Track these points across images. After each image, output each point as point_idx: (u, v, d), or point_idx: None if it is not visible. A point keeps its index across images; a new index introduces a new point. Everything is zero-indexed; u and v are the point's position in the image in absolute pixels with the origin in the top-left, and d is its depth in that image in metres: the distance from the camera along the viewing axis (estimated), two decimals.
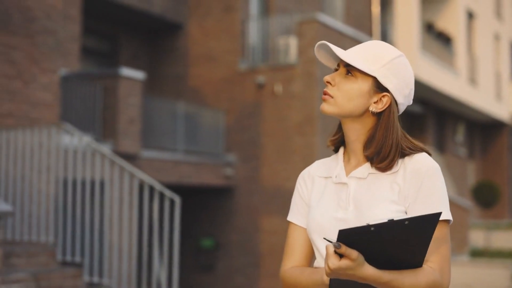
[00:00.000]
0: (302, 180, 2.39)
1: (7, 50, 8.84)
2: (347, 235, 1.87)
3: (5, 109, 8.78)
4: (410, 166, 2.18)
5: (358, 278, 1.95)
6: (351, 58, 2.15)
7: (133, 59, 16.40)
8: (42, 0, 9.24)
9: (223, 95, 15.69)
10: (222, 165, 15.15)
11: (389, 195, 2.17)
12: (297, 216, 2.34)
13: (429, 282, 2.03)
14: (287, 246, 2.37)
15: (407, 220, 1.86)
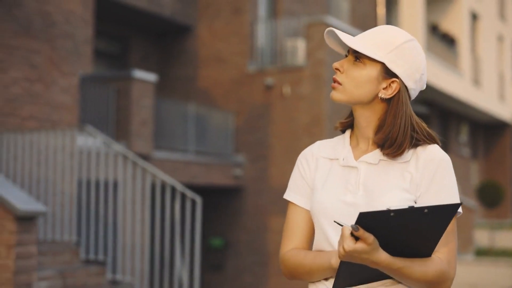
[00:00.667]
0: (305, 159, 2.32)
1: (28, 54, 9.08)
2: (366, 218, 1.85)
3: (27, 112, 9.02)
4: (423, 156, 2.16)
5: (371, 262, 1.93)
6: (358, 45, 2.11)
7: (143, 61, 16.61)
8: (62, 5, 9.47)
9: (232, 97, 15.90)
10: (231, 165, 15.37)
11: (401, 183, 2.13)
12: (297, 196, 2.29)
13: (437, 272, 2.03)
14: (286, 227, 2.30)
15: (427, 209, 1.86)
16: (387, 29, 2.17)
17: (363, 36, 2.17)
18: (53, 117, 9.31)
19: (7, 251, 5.56)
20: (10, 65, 8.89)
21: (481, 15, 27.09)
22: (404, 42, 2.16)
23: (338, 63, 2.18)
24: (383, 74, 2.15)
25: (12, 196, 5.72)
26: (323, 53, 14.87)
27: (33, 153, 8.32)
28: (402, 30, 2.18)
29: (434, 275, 2.02)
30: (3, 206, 5.67)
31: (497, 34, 29.17)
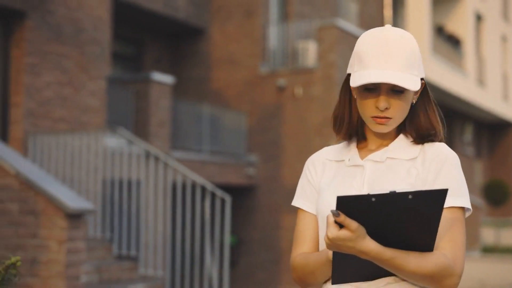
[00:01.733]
0: (312, 165, 2.30)
1: (59, 59, 9.47)
2: (346, 202, 1.76)
3: (58, 114, 9.41)
4: (430, 152, 2.12)
5: (358, 251, 1.84)
6: (411, 83, 2.03)
7: (157, 63, 16.98)
8: (90, 12, 9.87)
9: (244, 98, 16.25)
10: (244, 165, 15.71)
11: (407, 179, 2.08)
12: (305, 202, 2.25)
13: (439, 266, 1.92)
14: (296, 234, 2.27)
15: (411, 194, 1.75)
16: (407, 40, 2.07)
17: (390, 63, 2.04)
18: (82, 119, 9.71)
19: (58, 246, 5.96)
20: (43, 70, 9.29)
21: (485, 16, 27.43)
22: (416, 43, 2.12)
23: (386, 102, 2.06)
24: None
25: (62, 195, 6.13)
26: (334, 55, 15.22)
27: (67, 154, 8.72)
28: (401, 30, 2.11)
29: (434, 269, 1.92)
30: (55, 204, 6.07)
31: (501, 35, 29.52)
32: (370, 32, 2.12)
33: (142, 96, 12.97)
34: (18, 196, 6.18)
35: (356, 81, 2.04)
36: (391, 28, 2.10)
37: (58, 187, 6.29)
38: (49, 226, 6.01)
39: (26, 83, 9.04)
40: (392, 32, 2.08)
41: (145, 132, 12.87)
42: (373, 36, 2.09)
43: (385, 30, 2.09)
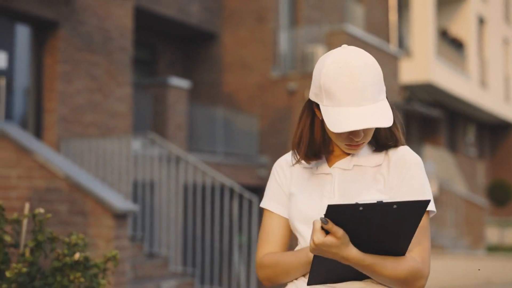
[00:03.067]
0: (280, 168, 2.34)
1: (89, 67, 9.94)
2: (335, 211, 1.83)
3: (89, 119, 9.88)
4: (394, 157, 2.17)
5: (341, 258, 1.91)
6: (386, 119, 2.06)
7: (170, 67, 17.39)
8: (117, 21, 10.33)
9: (256, 101, 16.66)
10: (256, 166, 16.10)
11: (374, 185, 2.15)
12: (273, 203, 2.30)
13: (410, 269, 2.00)
14: (262, 234, 2.31)
15: (396, 204, 1.82)
16: (370, 66, 2.07)
17: (363, 97, 2.04)
18: (110, 124, 10.18)
19: (106, 244, 6.42)
20: (75, 77, 9.76)
21: (487, 19, 27.84)
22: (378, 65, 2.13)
23: (361, 134, 2.11)
24: None
25: (109, 196, 6.60)
26: None
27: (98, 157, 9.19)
28: (362, 53, 2.10)
29: (407, 273, 2.00)
30: (102, 205, 6.54)
31: (503, 37, 29.93)
32: (330, 60, 2.08)
33: (159, 100, 13.39)
34: (67, 198, 6.65)
35: (338, 127, 2.02)
36: (352, 53, 2.07)
37: (104, 189, 6.76)
38: (97, 225, 6.48)
39: (59, 90, 9.51)
40: (355, 58, 2.05)
41: (163, 135, 13.29)
42: (336, 67, 2.04)
43: (347, 57, 2.05)
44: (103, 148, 9.17)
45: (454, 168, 24.77)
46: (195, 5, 16.53)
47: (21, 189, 6.91)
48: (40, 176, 6.82)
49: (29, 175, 6.88)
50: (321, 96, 2.08)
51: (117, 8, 10.36)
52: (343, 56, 2.05)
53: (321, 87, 2.07)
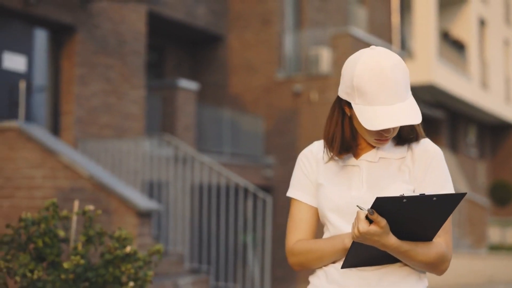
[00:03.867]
0: (306, 159, 2.45)
1: (104, 70, 10.22)
2: (382, 203, 2.00)
3: (104, 121, 10.15)
4: (418, 149, 2.32)
5: (381, 245, 2.09)
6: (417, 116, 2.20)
7: (177, 69, 17.65)
8: (131, 25, 10.61)
9: (261, 102, 16.89)
10: (262, 166, 16.34)
11: (401, 176, 2.29)
12: (300, 193, 2.43)
13: (438, 254, 2.20)
14: (291, 222, 2.44)
15: (436, 197, 2.00)
16: (399, 66, 2.20)
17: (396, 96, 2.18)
18: (124, 125, 10.45)
19: None
20: (91, 80, 10.03)
21: (488, 20, 28.08)
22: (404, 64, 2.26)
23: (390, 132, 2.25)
24: None
25: (132, 196, 6.87)
26: None
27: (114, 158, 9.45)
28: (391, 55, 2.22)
29: (435, 257, 2.20)
30: (126, 204, 6.81)
31: (504, 39, 30.16)
32: (364, 62, 2.19)
33: (168, 102, 13.62)
34: (92, 197, 6.92)
35: (373, 125, 2.16)
36: (381, 54, 2.20)
37: (127, 188, 7.03)
38: (121, 223, 6.74)
39: (76, 92, 9.79)
40: (385, 60, 2.18)
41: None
42: (369, 69, 2.17)
43: (377, 58, 2.18)
44: (119, 148, 9.44)
45: (455, 169, 25.05)
46: (201, 8, 16.79)
47: (46, 188, 7.18)
48: (65, 176, 7.09)
49: (54, 175, 7.15)
50: (353, 95, 2.21)
51: (131, 13, 10.64)
52: (373, 57, 2.18)
53: (353, 87, 2.19)
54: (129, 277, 3.45)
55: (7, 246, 3.52)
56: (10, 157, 7.40)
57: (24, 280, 3.26)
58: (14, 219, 7.29)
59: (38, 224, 3.50)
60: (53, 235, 3.51)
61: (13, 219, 7.30)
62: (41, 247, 3.45)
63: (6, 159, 7.41)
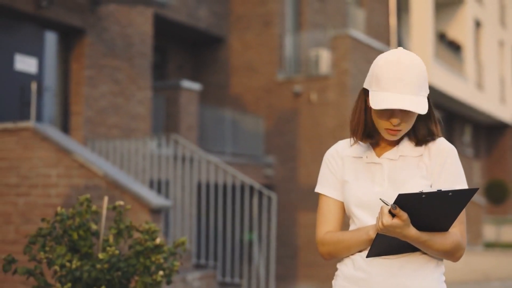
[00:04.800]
0: (332, 157, 2.68)
1: (112, 72, 10.51)
2: (403, 199, 2.22)
3: (112, 122, 10.45)
4: (434, 148, 2.54)
5: (402, 236, 2.32)
6: (423, 107, 2.41)
7: (179, 70, 17.91)
8: (138, 27, 10.90)
9: (262, 103, 17.14)
10: (263, 166, 16.58)
11: (419, 173, 2.51)
12: (328, 189, 2.65)
13: (454, 243, 2.44)
14: (320, 215, 2.66)
15: (451, 192, 2.22)
16: (412, 66, 2.42)
17: (406, 87, 2.40)
18: (131, 126, 10.74)
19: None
20: (99, 82, 10.33)
21: (484, 22, 28.39)
22: (424, 65, 2.49)
23: (398, 119, 2.47)
24: None
25: (145, 193, 7.16)
26: (348, 63, 16.17)
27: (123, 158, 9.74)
28: (411, 55, 2.46)
29: (451, 246, 2.43)
30: (140, 201, 7.10)
31: (499, 40, 30.48)
32: (386, 55, 2.47)
33: (172, 102, 13.87)
34: (106, 194, 7.19)
35: (378, 104, 2.40)
36: (403, 52, 2.46)
37: (140, 186, 7.32)
38: (135, 220, 7.03)
39: (85, 94, 10.08)
40: (405, 56, 2.44)
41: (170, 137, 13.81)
42: (389, 61, 2.44)
43: (399, 54, 2.45)
44: (127, 148, 9.73)
45: None
46: (203, 10, 17.07)
47: (61, 187, 7.47)
48: (79, 174, 7.38)
49: (69, 173, 7.44)
50: (372, 83, 2.47)
51: (138, 16, 10.94)
52: (395, 53, 2.45)
53: (373, 75, 2.47)
54: (157, 267, 3.75)
55: (43, 238, 3.82)
56: (26, 156, 7.69)
57: (63, 269, 3.55)
58: (29, 217, 7.59)
59: (73, 218, 3.79)
60: (86, 228, 3.81)
61: (28, 217, 7.59)
62: (76, 239, 3.74)
63: (22, 158, 7.69)
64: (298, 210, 16.37)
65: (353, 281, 2.54)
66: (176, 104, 13.89)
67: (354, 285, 2.54)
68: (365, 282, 2.50)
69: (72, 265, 3.52)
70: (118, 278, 3.64)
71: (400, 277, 2.46)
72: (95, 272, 3.57)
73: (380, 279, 2.47)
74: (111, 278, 3.61)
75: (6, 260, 3.69)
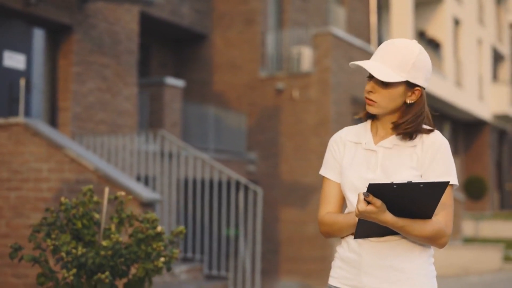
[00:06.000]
0: (335, 143, 2.85)
1: (100, 69, 10.65)
2: (375, 188, 2.37)
3: (99, 118, 10.59)
4: (427, 141, 2.67)
5: (379, 221, 2.47)
6: (384, 75, 2.59)
7: (162, 67, 18.02)
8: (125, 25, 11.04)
9: (244, 100, 17.29)
10: (245, 162, 16.71)
11: (410, 163, 2.65)
12: (330, 172, 2.84)
13: (434, 229, 2.54)
14: (323, 197, 2.85)
15: (422, 184, 2.35)
16: (402, 47, 2.64)
17: (384, 59, 2.62)
18: (118, 122, 10.89)
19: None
20: (87, 78, 10.46)
21: (462, 20, 28.73)
22: (418, 55, 2.66)
23: (370, 87, 2.68)
24: (407, 87, 2.67)
25: (136, 187, 7.32)
26: (329, 60, 16.38)
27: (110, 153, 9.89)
28: (412, 42, 2.68)
29: (431, 232, 2.54)
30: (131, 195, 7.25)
31: (477, 38, 30.85)
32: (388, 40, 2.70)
33: (156, 99, 13.97)
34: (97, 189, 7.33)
35: (353, 64, 2.67)
36: (407, 40, 2.68)
37: (130, 180, 7.48)
38: None
39: (73, 90, 10.22)
40: (403, 41, 2.66)
41: (157, 133, 13.93)
42: (388, 41, 2.68)
43: (401, 39, 2.68)
44: (115, 144, 9.87)
45: None
46: (186, 7, 17.20)
47: (52, 181, 7.61)
48: (70, 169, 7.53)
49: (60, 168, 7.59)
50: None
51: (125, 13, 11.08)
52: (399, 38, 2.70)
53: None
54: (158, 254, 3.92)
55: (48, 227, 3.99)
56: (17, 151, 7.82)
57: (69, 256, 3.72)
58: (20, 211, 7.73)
59: (77, 208, 3.96)
60: (89, 217, 3.98)
61: (19, 211, 7.73)
62: (80, 228, 3.91)
63: (13, 153, 7.83)
64: (280, 206, 16.49)
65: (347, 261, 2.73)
66: (160, 101, 13.99)
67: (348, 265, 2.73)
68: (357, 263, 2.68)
69: (78, 251, 3.69)
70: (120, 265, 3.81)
71: (390, 259, 2.63)
72: (99, 259, 3.74)
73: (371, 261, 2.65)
74: (114, 264, 3.78)
75: (13, 247, 3.85)
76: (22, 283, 7.58)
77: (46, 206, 7.24)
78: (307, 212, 16.06)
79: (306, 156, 16.28)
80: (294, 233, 16.27)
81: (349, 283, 2.72)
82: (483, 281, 14.33)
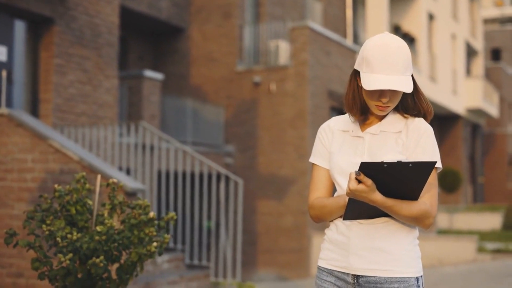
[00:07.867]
0: (324, 132, 2.97)
1: (81, 61, 10.72)
2: (366, 166, 2.47)
3: (80, 109, 10.66)
4: (412, 126, 2.79)
5: (369, 200, 2.57)
6: (407, 87, 2.69)
7: (140, 60, 18.10)
8: (106, 18, 11.12)
9: (222, 93, 17.43)
10: (223, 154, 16.84)
11: (396, 148, 2.77)
12: (319, 159, 2.95)
13: (421, 210, 2.65)
14: (313, 183, 2.96)
15: (411, 163, 2.46)
16: (399, 49, 2.70)
17: (396, 69, 2.68)
18: (99, 114, 10.97)
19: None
20: (68, 70, 10.53)
21: (436, 15, 29.03)
22: (408, 49, 2.75)
23: (388, 98, 2.74)
24: None
25: (120, 177, 7.43)
26: (306, 54, 16.54)
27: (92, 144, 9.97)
28: (398, 40, 2.73)
29: (418, 213, 2.65)
30: None
31: (451, 33, 31.19)
32: (374, 40, 2.72)
33: (135, 92, 14.06)
34: None
35: (370, 85, 2.67)
36: (390, 36, 2.73)
37: (114, 171, 7.59)
38: None
39: (54, 81, 10.28)
40: (392, 40, 2.71)
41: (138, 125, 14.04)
42: (377, 45, 2.69)
43: (386, 38, 2.71)
44: (96, 135, 9.96)
45: None
46: (164, 1, 17.27)
47: (37, 171, 7.69)
48: (55, 159, 7.62)
49: (44, 158, 7.67)
50: (362, 65, 2.74)
51: (106, 6, 11.15)
52: (383, 38, 2.72)
53: (363, 58, 2.73)
54: (150, 239, 4.05)
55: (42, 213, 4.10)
56: (1, 142, 7.89)
57: (64, 241, 3.84)
58: (4, 200, 7.80)
59: (71, 194, 4.07)
60: (82, 203, 4.09)
61: (3, 201, 7.81)
62: (74, 214, 4.03)
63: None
64: (257, 198, 16.63)
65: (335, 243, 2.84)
66: (139, 93, 14.08)
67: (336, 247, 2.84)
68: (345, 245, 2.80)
69: (73, 236, 3.81)
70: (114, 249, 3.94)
71: (376, 240, 2.74)
72: (94, 243, 3.86)
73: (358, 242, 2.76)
74: (108, 249, 3.90)
75: (8, 233, 3.96)
76: (6, 273, 7.66)
77: (31, 196, 7.35)
78: (284, 204, 16.23)
79: (283, 148, 16.44)
80: (271, 225, 16.42)
81: (337, 265, 2.83)
82: (458, 272, 14.59)
